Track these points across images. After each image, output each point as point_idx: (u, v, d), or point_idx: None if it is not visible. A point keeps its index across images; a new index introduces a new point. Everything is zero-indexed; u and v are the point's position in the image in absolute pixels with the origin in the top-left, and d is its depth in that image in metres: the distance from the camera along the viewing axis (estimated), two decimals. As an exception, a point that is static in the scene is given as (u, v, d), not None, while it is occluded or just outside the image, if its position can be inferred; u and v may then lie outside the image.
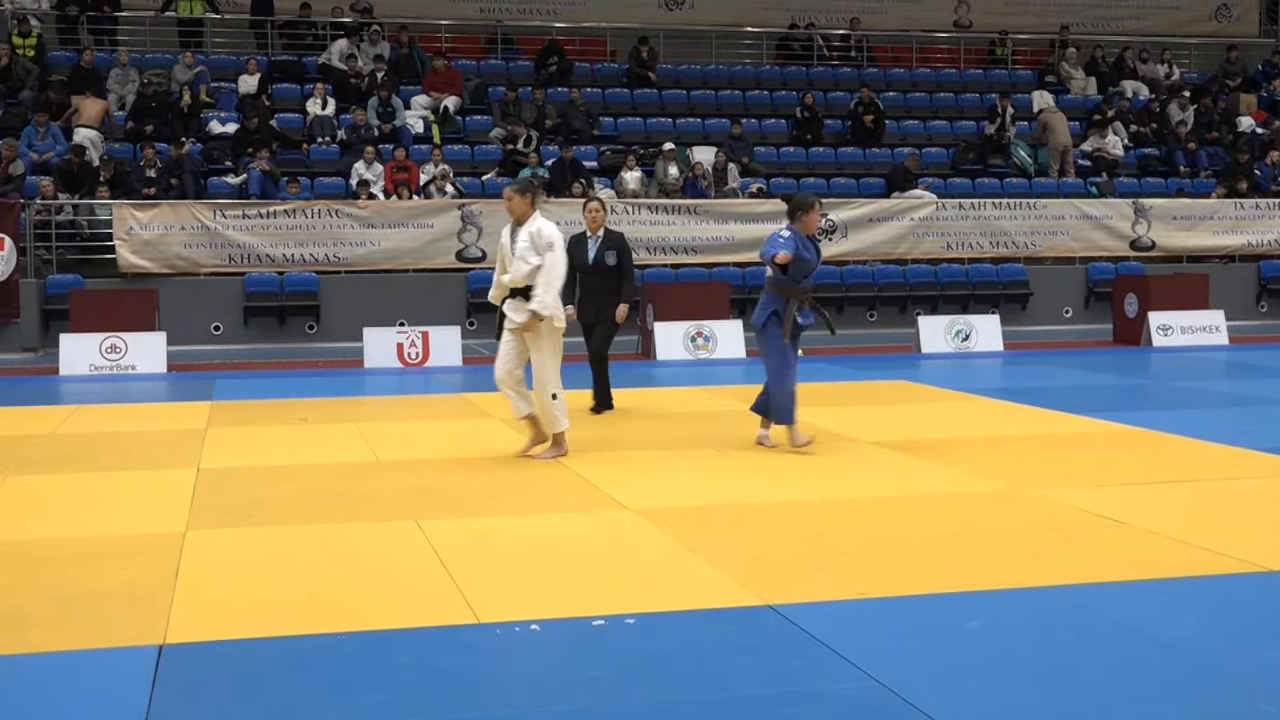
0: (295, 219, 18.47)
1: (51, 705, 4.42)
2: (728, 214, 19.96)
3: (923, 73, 25.80)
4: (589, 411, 11.41)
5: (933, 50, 26.77)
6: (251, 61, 21.62)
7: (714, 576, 5.95)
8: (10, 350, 17.39)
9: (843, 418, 10.95)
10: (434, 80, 22.19)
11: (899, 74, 25.62)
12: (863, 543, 6.59)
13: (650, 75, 23.76)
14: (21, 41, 21.06)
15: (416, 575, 6.02)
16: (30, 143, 19.31)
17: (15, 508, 7.65)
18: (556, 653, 4.94)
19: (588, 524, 7.10)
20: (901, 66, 25.95)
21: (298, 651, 4.93)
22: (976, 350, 17.41)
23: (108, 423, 11.27)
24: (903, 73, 25.69)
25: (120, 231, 17.97)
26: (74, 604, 5.54)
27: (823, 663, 4.79)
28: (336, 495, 7.88)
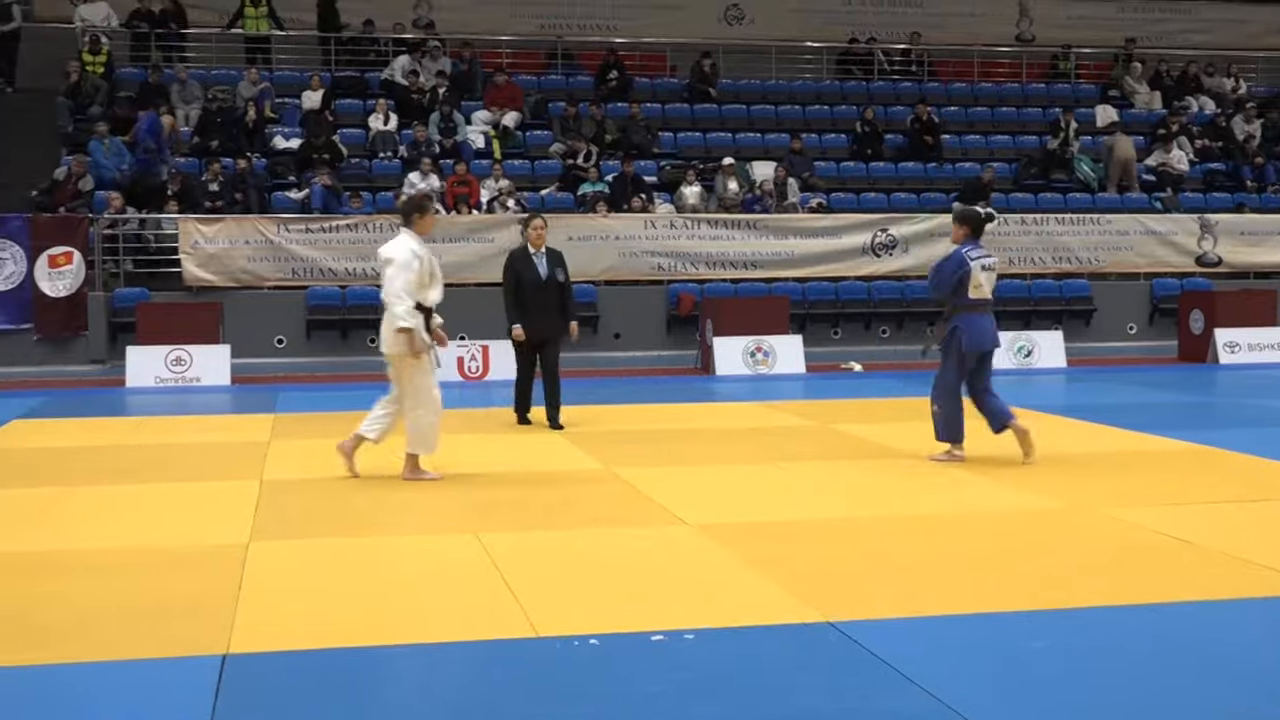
0: (357, 233, 18.61)
1: (117, 713, 4.47)
2: (787, 229, 19.91)
3: (985, 87, 25.64)
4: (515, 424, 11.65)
5: (995, 64, 26.59)
6: (315, 77, 21.84)
7: (773, 592, 5.92)
8: (78, 362, 17.64)
9: (902, 434, 10.87)
10: (495, 95, 22.31)
11: (961, 88, 25.47)
12: (924, 559, 6.53)
13: (710, 90, 23.76)
14: (92, 59, 21.39)
15: (475, 588, 6.03)
16: (105, 158, 19.60)
17: (83, 518, 7.75)
18: (615, 668, 4.93)
19: (647, 538, 7.08)
20: (963, 81, 25.79)
21: (358, 663, 4.96)
22: (1039, 367, 17.25)
23: (173, 434, 11.40)
24: (964, 87, 25.54)
25: (186, 245, 18.20)
26: (139, 614, 5.60)
27: (884, 680, 4.75)
28: (397, 508, 7.92)
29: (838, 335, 19.73)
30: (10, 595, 5.91)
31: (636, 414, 12.57)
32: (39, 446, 10.57)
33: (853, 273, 20.00)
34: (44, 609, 5.67)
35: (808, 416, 12.24)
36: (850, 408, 12.95)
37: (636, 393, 14.48)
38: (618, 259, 19.36)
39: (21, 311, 17.57)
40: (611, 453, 9.92)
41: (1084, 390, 15.14)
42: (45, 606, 5.71)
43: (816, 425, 11.61)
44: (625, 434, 11.02)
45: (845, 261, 19.95)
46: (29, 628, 5.39)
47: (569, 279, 11.68)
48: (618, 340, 19.20)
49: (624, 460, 9.61)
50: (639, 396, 14.05)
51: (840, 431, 11.11)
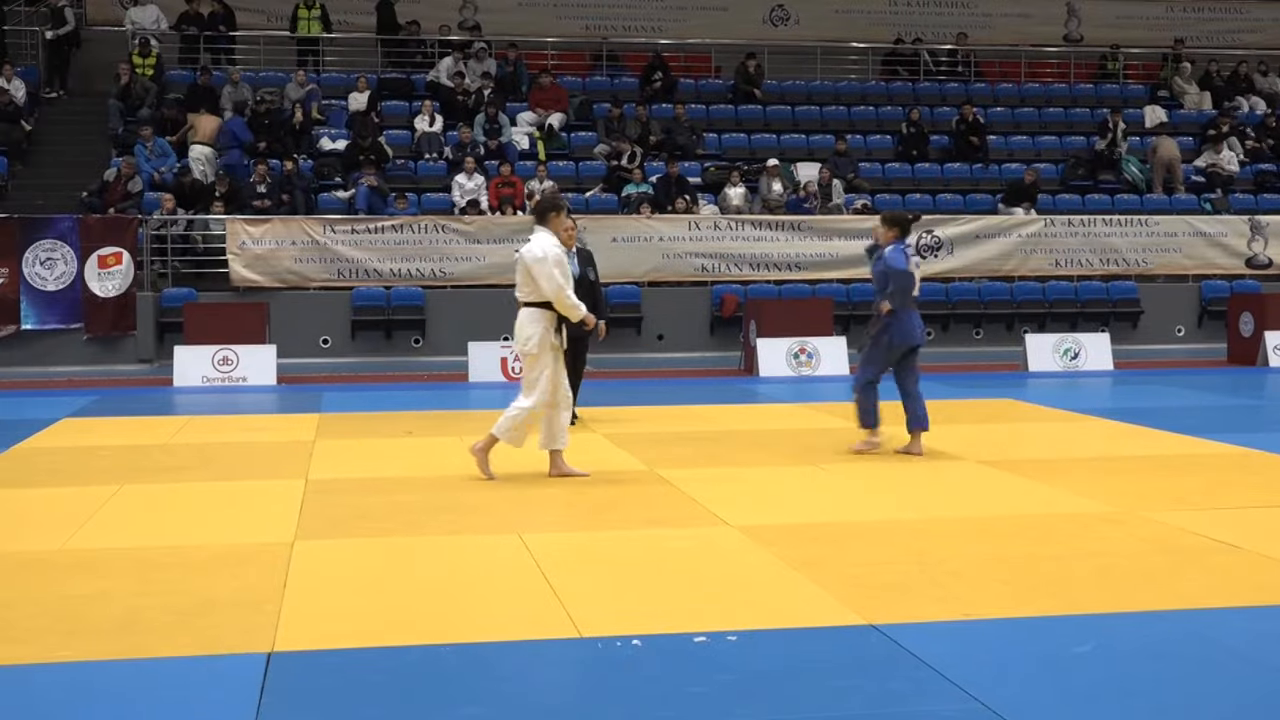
0: (402, 234, 18.72)
1: (164, 710, 4.51)
2: (832, 230, 19.85)
3: (1032, 87, 25.48)
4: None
5: (1042, 65, 26.42)
6: (362, 79, 21.98)
7: (816, 595, 5.90)
8: (127, 362, 17.82)
9: (947, 436, 10.81)
10: (539, 97, 22.37)
11: (1007, 89, 25.32)
12: (968, 563, 6.50)
13: (755, 91, 23.73)
14: (141, 61, 21.61)
15: (519, 588, 6.05)
16: (147, 160, 19.80)
17: (130, 516, 7.83)
18: (658, 669, 4.93)
19: (690, 540, 7.08)
20: (1010, 81, 25.64)
21: (401, 662, 4.98)
22: (1085, 369, 17.11)
23: (219, 433, 11.49)
24: (1011, 87, 25.39)
25: (233, 246, 18.35)
26: (186, 611, 5.64)
27: (927, 684, 4.73)
28: (441, 508, 7.95)
29: (882, 337, 19.60)
30: (58, 593, 5.98)
31: (679, 415, 12.57)
32: (88, 445, 10.68)
33: (897, 274, 19.86)
34: (91, 607, 5.72)
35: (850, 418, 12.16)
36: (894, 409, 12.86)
37: (679, 394, 14.47)
38: (661, 260, 19.38)
39: (72, 311, 17.78)
40: (654, 454, 9.93)
41: (1131, 393, 15.01)
42: (93, 604, 5.77)
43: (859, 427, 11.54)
44: (668, 435, 11.02)
45: (890, 263, 19.81)
46: (77, 625, 5.45)
47: (599, 279, 11.69)
48: (661, 341, 19.21)
49: (667, 461, 9.61)
50: (682, 398, 14.04)
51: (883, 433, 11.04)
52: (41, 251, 17.74)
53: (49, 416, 12.36)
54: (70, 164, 20.54)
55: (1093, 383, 16.14)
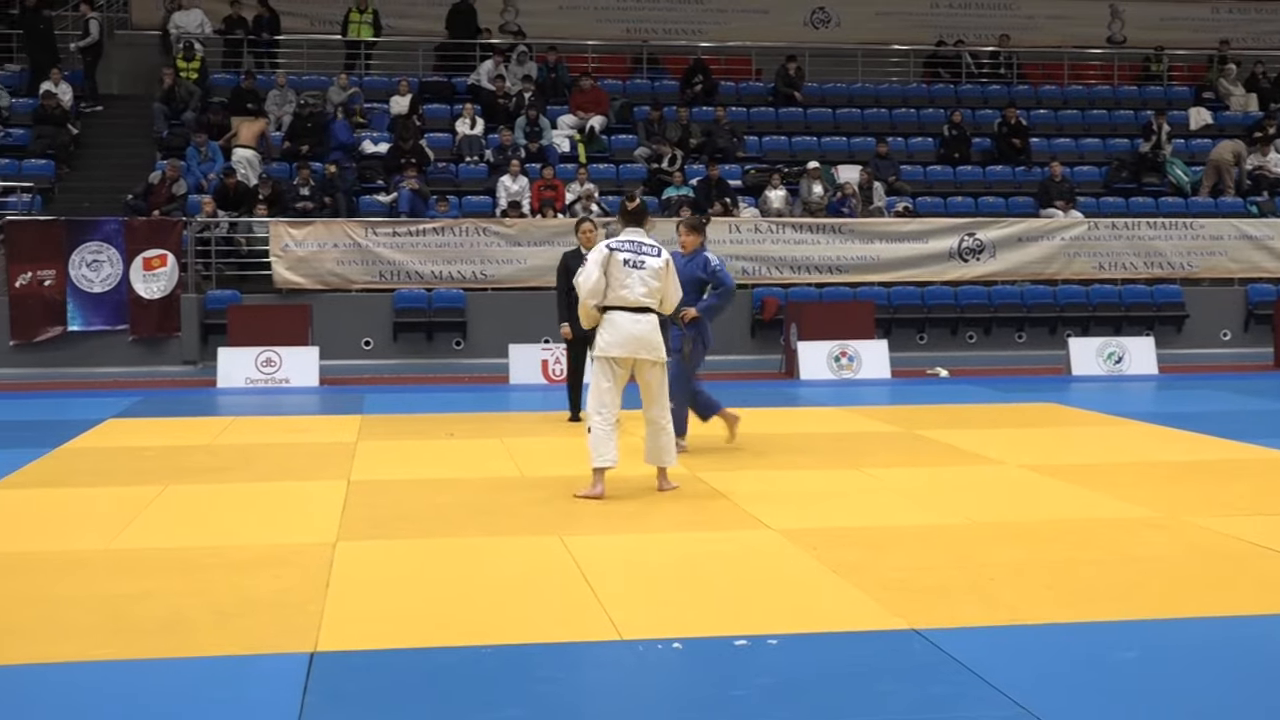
0: (444, 237, 18.78)
1: (208, 708, 4.54)
2: (873, 233, 19.78)
3: (1075, 89, 25.30)
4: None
5: (1085, 66, 26.24)
6: (403, 82, 22.08)
7: (857, 599, 5.88)
8: (171, 363, 17.96)
9: (990, 440, 10.76)
10: (580, 100, 22.41)
11: (1050, 90, 25.16)
12: (1010, 567, 6.46)
13: (796, 94, 23.68)
14: (185, 65, 21.78)
15: (560, 590, 6.06)
16: (192, 163, 19.96)
17: (175, 516, 7.89)
18: (699, 672, 4.93)
19: (730, 543, 7.07)
20: (1053, 83, 25.48)
21: (442, 663, 5.00)
22: (1129, 373, 16.99)
23: (262, 434, 11.57)
24: (1054, 89, 25.22)
25: (276, 248, 18.47)
26: (230, 610, 5.69)
27: (970, 689, 4.70)
28: (482, 509, 7.98)
29: (923, 340, 19.56)
30: (103, 592, 6.04)
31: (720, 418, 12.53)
32: (133, 445, 10.77)
33: (939, 277, 19.83)
34: (136, 606, 5.77)
35: (893, 422, 12.15)
36: (936, 414, 12.84)
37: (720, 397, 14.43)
38: (702, 263, 19.31)
39: (117, 313, 17.94)
40: (694, 457, 9.93)
41: (1176, 398, 14.89)
42: (137, 603, 5.82)
43: (901, 431, 11.53)
44: (708, 438, 11.00)
45: (931, 266, 19.78)
46: (121, 624, 5.50)
47: None
48: (701, 344, 19.15)
49: (707, 464, 9.61)
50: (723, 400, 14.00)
51: (925, 437, 11.02)
52: (88, 254, 17.91)
53: (95, 417, 12.48)
54: (115, 167, 20.73)
55: (1137, 387, 16.02)
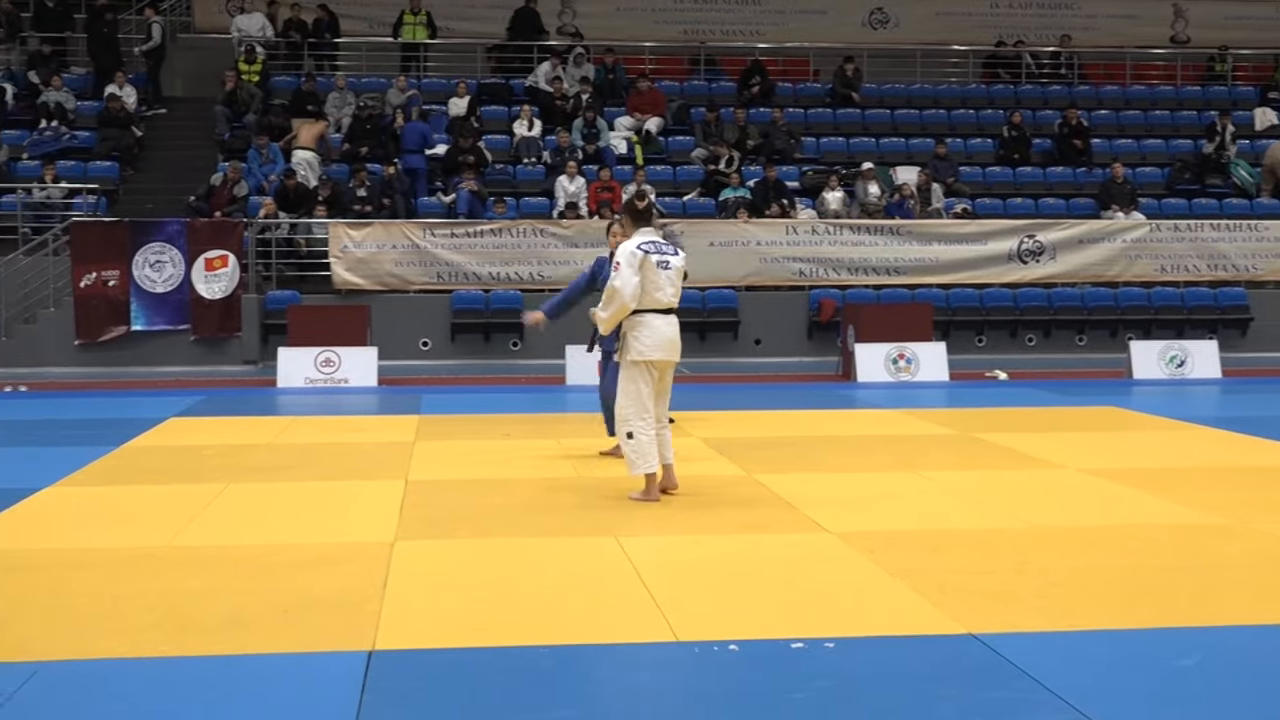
0: (501, 238, 18.87)
1: (268, 705, 4.59)
2: (931, 234, 19.67)
3: (1137, 90, 25.03)
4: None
5: (1148, 66, 25.94)
6: (461, 84, 22.20)
7: (915, 602, 5.85)
8: (232, 363, 18.16)
9: (1049, 444, 10.67)
10: (637, 101, 22.43)
11: (1112, 91, 24.91)
12: (1070, 573, 6.39)
13: (854, 95, 23.58)
14: (247, 68, 22.01)
15: (615, 591, 6.07)
16: (253, 165, 20.16)
17: (236, 515, 7.97)
18: (755, 674, 4.91)
19: (787, 545, 7.05)
20: (1115, 83, 25.22)
21: (498, 663, 5.02)
22: (1192, 377, 16.78)
23: (321, 434, 11.66)
24: (1116, 90, 24.97)
25: (335, 249, 18.62)
26: (289, 609, 5.74)
27: (1028, 694, 4.66)
28: (538, 510, 8.00)
29: (982, 343, 19.43)
30: (166, 589, 6.11)
31: (777, 420, 12.53)
32: (194, 444, 10.89)
33: (998, 279, 19.68)
34: (198, 603, 5.84)
35: (951, 425, 12.07)
36: (995, 417, 12.75)
37: (777, 399, 14.43)
38: (759, 265, 19.32)
39: (179, 313, 18.15)
40: (751, 458, 9.90)
41: (1240, 402, 14.68)
42: (199, 601, 5.88)
43: (959, 434, 11.45)
44: (765, 440, 10.98)
45: (990, 268, 19.64)
46: (183, 621, 5.56)
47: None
48: (758, 346, 19.16)
49: (764, 466, 9.58)
50: (779, 402, 14.00)
51: (984, 441, 10.93)
52: (151, 254, 18.14)
53: (157, 416, 12.62)
54: (178, 169, 20.98)
55: (1200, 391, 15.83)
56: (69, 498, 8.53)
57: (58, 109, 21.18)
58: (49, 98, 21.31)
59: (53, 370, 17.48)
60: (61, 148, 20.73)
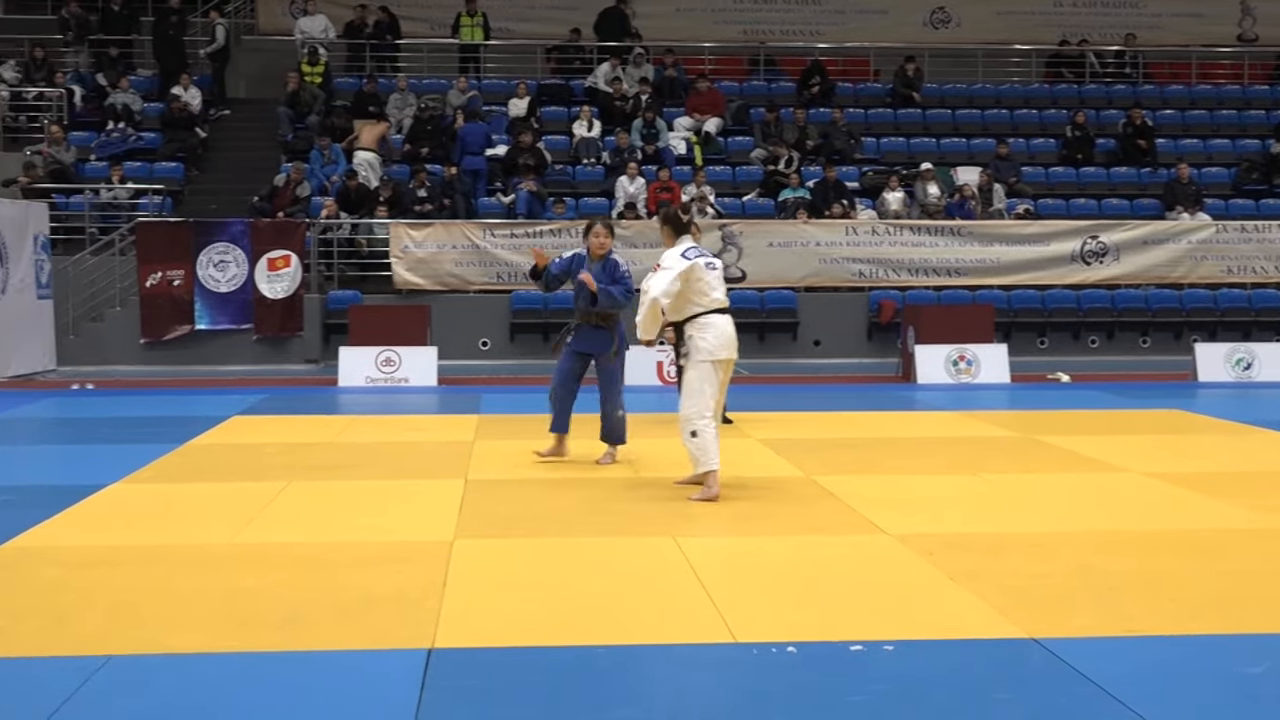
0: (560, 238, 18.88)
1: (328, 702, 4.62)
2: (992, 235, 19.52)
3: (1203, 89, 24.72)
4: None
5: (1214, 65, 25.61)
6: (521, 85, 22.29)
7: (975, 606, 5.80)
8: (294, 362, 18.33)
9: (1112, 447, 10.55)
10: (697, 102, 22.42)
11: (1177, 90, 24.62)
12: (1133, 577, 6.32)
13: (914, 95, 23.46)
14: (310, 69, 22.22)
15: (673, 592, 6.06)
16: (315, 166, 20.35)
17: (297, 512, 8.04)
18: (813, 676, 4.89)
19: (845, 547, 7.02)
20: (1180, 83, 24.92)
21: (556, 662, 5.03)
22: (1260, 380, 16.53)
23: (382, 433, 11.74)
24: (1181, 89, 24.68)
25: (396, 250, 18.75)
26: (349, 606, 5.78)
27: (1090, 701, 4.61)
28: (596, 510, 8.01)
29: (1044, 344, 19.26)
30: (228, 585, 6.17)
31: (836, 421, 12.48)
32: (257, 442, 11.00)
33: (1061, 281, 19.51)
34: (259, 600, 5.90)
35: (1011, 427, 11.97)
36: (1057, 419, 12.62)
37: (836, 400, 14.37)
38: (818, 265, 19.26)
39: (243, 312, 18.36)
40: (810, 460, 9.86)
41: (1308, 405, 14.45)
42: (260, 597, 5.94)
43: (1021, 436, 11.35)
44: (824, 441, 10.94)
45: (1053, 269, 19.48)
46: (245, 617, 5.61)
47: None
48: (817, 347, 19.10)
49: (823, 467, 9.54)
50: (838, 404, 13.93)
51: (1046, 443, 10.83)
52: (215, 254, 18.35)
53: (220, 414, 12.76)
54: (242, 169, 21.21)
55: (1267, 394, 15.58)
56: (133, 494, 8.64)
57: (124, 111, 21.49)
58: (116, 99, 21.62)
59: (118, 368, 17.73)
60: (128, 149, 21.03)
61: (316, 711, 4.53)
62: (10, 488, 9.02)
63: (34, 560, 6.68)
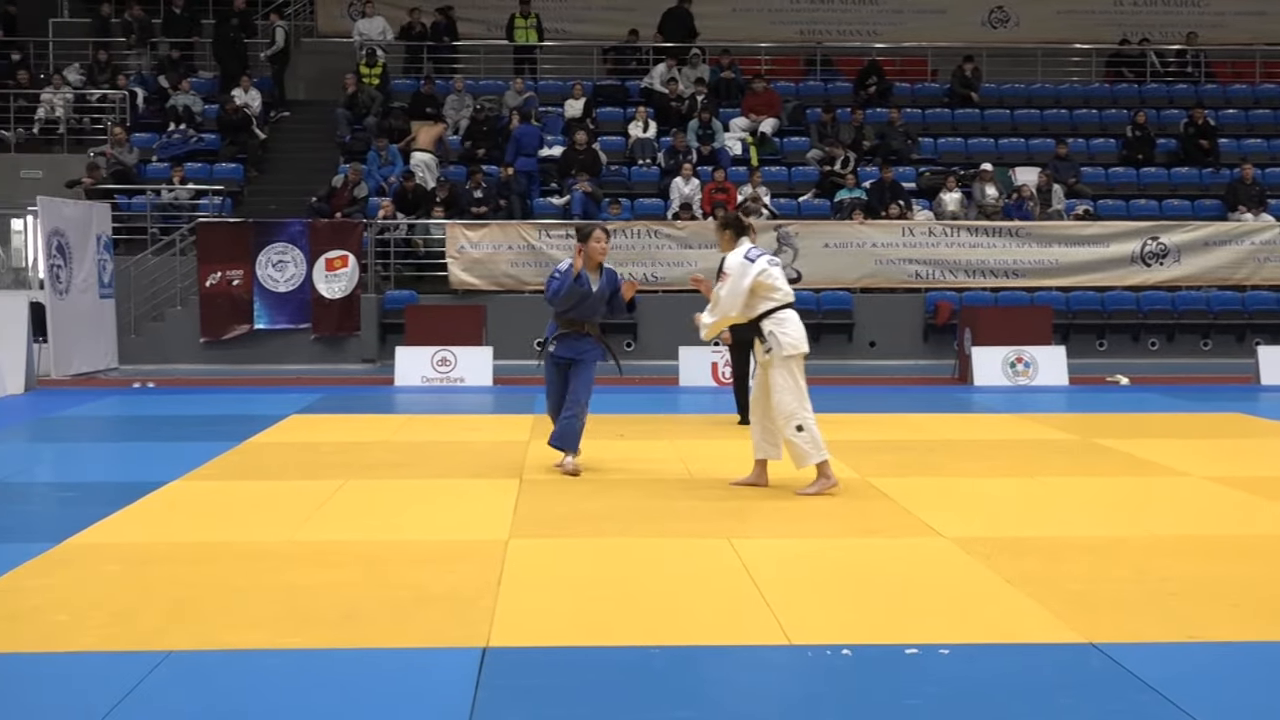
0: (615, 239, 18.83)
1: (385, 699, 4.65)
2: (1051, 236, 19.35)
3: (1267, 88, 24.39)
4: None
5: (1278, 64, 25.25)
6: (577, 86, 22.34)
7: (1032, 610, 5.75)
8: (351, 361, 18.47)
9: (1172, 450, 10.43)
10: (753, 102, 22.37)
11: (1240, 90, 24.30)
12: (1194, 582, 6.24)
13: (972, 95, 23.29)
14: (368, 71, 22.37)
15: (728, 593, 6.05)
16: (373, 167, 20.48)
17: (354, 510, 8.10)
18: (869, 679, 4.87)
19: (902, 550, 6.98)
20: (1243, 82, 24.60)
21: (611, 662, 5.03)
22: (1322, 383, 16.29)
23: (438, 432, 11.80)
24: (1244, 89, 24.35)
25: (452, 250, 18.84)
26: (405, 604, 5.81)
27: (1151, 707, 4.56)
28: (651, 510, 8.01)
29: (1103, 347, 19.07)
30: (287, 582, 6.22)
31: (891, 423, 12.41)
32: (314, 441, 11.09)
33: (1120, 282, 19.32)
34: (317, 597, 5.94)
35: (1070, 430, 11.86)
36: (1116, 422, 12.49)
37: (891, 402, 14.30)
38: (874, 266, 19.17)
39: (301, 312, 18.52)
40: (866, 462, 9.82)
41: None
42: (318, 594, 5.98)
43: (1079, 439, 11.24)
44: (880, 443, 10.89)
45: (1112, 270, 19.28)
46: (304, 614, 5.66)
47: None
48: (873, 348, 19.01)
49: (878, 469, 9.50)
50: (894, 405, 13.86)
51: (1104, 447, 10.73)
52: (273, 254, 18.52)
53: (278, 413, 12.88)
54: (300, 170, 21.39)
55: (1330, 398, 15.35)
56: (193, 492, 8.73)
57: (185, 112, 21.73)
58: (177, 101, 21.87)
59: (179, 367, 17.94)
60: (189, 150, 21.26)
61: (373, 709, 4.56)
62: (73, 484, 9.15)
63: (96, 556, 6.76)
